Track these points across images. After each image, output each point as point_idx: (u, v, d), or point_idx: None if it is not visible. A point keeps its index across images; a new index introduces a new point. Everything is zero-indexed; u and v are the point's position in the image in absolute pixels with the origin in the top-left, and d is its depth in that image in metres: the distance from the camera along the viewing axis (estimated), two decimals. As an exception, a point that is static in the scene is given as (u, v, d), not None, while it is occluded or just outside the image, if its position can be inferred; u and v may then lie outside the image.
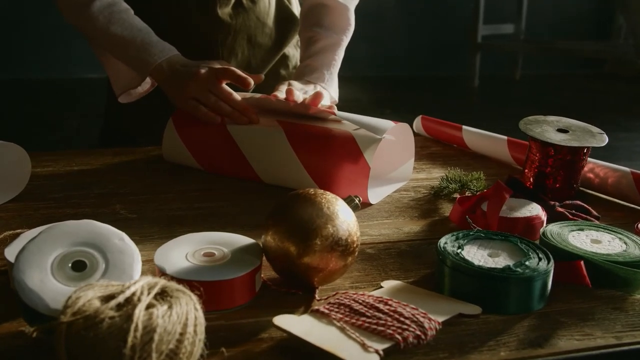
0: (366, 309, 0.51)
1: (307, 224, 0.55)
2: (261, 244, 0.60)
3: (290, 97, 0.90)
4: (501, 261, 0.58)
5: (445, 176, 0.89)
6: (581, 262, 0.60)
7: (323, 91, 1.04)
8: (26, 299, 0.49)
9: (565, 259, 0.62)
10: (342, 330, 0.49)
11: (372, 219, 0.78)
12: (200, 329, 0.45)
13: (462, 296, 0.57)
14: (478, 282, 0.56)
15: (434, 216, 0.80)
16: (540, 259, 0.58)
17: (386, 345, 0.47)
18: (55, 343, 0.43)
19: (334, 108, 0.91)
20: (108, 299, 0.44)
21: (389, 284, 0.59)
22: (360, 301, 0.53)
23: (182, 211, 0.80)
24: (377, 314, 0.50)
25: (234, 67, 0.96)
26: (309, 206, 0.56)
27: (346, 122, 0.87)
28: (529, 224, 0.72)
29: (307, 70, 1.06)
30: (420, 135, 1.18)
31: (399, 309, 0.51)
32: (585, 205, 0.78)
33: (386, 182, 0.91)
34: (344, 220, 0.57)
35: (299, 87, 1.00)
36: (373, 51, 5.29)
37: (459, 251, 0.59)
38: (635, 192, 0.83)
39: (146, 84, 1.08)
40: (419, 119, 1.19)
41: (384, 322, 0.49)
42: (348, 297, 0.54)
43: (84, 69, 4.73)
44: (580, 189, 0.88)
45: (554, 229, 0.67)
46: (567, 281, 0.61)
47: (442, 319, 0.52)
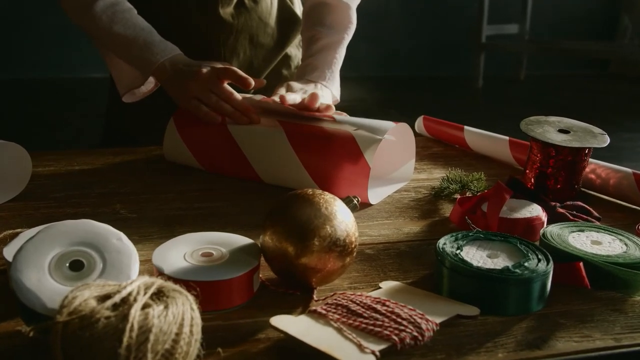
0: (363, 310, 0.51)
1: (305, 224, 0.55)
2: (259, 244, 0.60)
3: (283, 102, 0.90)
4: (500, 262, 0.58)
5: (446, 177, 0.89)
6: (580, 263, 0.60)
7: (324, 89, 1.03)
8: (23, 298, 0.49)
9: (565, 260, 0.61)
10: (339, 330, 0.49)
11: (372, 219, 0.78)
12: (197, 329, 0.45)
13: (461, 297, 0.56)
14: (477, 283, 0.56)
15: (434, 217, 0.80)
16: (539, 260, 0.58)
17: (383, 346, 0.47)
18: (51, 343, 0.43)
19: (332, 108, 0.91)
20: (104, 298, 0.44)
21: (387, 285, 0.59)
22: (358, 302, 0.52)
23: (182, 211, 0.80)
24: (374, 314, 0.50)
25: (235, 68, 0.96)
26: (307, 206, 0.56)
27: (348, 120, 0.87)
28: (529, 224, 0.71)
29: (308, 69, 1.06)
30: (422, 136, 1.18)
31: (397, 310, 0.51)
32: (586, 206, 0.78)
33: (387, 183, 0.91)
34: (342, 221, 0.56)
35: (299, 87, 1.00)
36: (377, 51, 5.29)
37: (457, 252, 0.59)
38: (637, 193, 0.83)
39: (150, 83, 1.08)
40: (420, 119, 1.18)
41: (381, 323, 0.49)
42: (346, 298, 0.53)
43: (84, 68, 4.75)
44: (581, 189, 0.87)
45: (554, 230, 0.67)
46: (567, 282, 0.60)
47: (440, 320, 0.52)
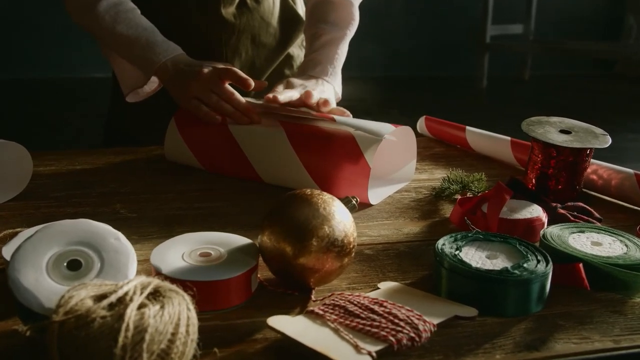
0: (361, 311, 0.51)
1: (303, 225, 0.55)
2: (257, 245, 0.59)
3: (276, 101, 0.91)
4: (499, 263, 0.58)
5: (447, 177, 0.88)
6: (580, 264, 0.59)
7: (326, 85, 1.03)
8: (21, 297, 0.49)
9: (565, 261, 0.61)
10: (335, 331, 0.49)
11: (372, 219, 0.78)
12: (193, 329, 0.45)
13: (460, 298, 0.56)
14: (475, 284, 0.56)
15: (434, 217, 0.79)
16: (538, 261, 0.58)
17: (379, 347, 0.47)
18: (47, 342, 0.43)
19: (330, 102, 0.91)
20: (100, 298, 0.44)
21: (385, 285, 0.59)
22: (355, 302, 0.52)
23: (182, 211, 0.80)
24: (371, 315, 0.50)
25: (236, 68, 0.96)
26: (305, 207, 0.56)
27: (348, 123, 0.87)
28: (530, 225, 0.71)
29: (310, 65, 1.06)
30: (424, 136, 1.18)
31: (394, 311, 0.50)
32: (587, 207, 0.78)
33: (387, 183, 0.91)
34: (341, 221, 0.56)
35: (299, 82, 1.00)
36: (380, 51, 5.29)
37: (456, 253, 0.59)
38: (639, 194, 0.82)
39: (153, 83, 1.08)
40: (422, 120, 1.18)
41: (378, 323, 0.49)
42: (343, 298, 0.53)
43: (85, 68, 4.76)
44: (583, 190, 0.87)
45: (554, 230, 0.67)
46: (566, 284, 0.60)
47: (438, 321, 0.52)
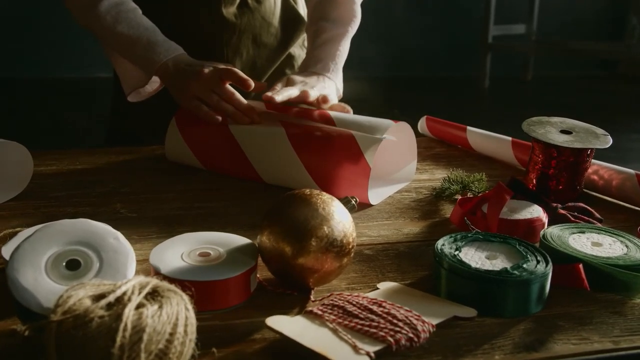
0: (359, 311, 0.51)
1: (302, 225, 0.55)
2: (257, 245, 0.59)
3: (272, 100, 0.91)
4: (499, 263, 0.58)
5: (448, 177, 0.88)
6: (580, 265, 0.59)
7: (327, 81, 1.03)
8: (19, 297, 0.49)
9: (565, 261, 0.61)
10: (334, 331, 0.49)
11: (372, 219, 0.78)
12: (191, 329, 0.45)
13: (459, 299, 0.56)
14: (475, 284, 0.56)
15: (434, 217, 0.79)
16: (538, 262, 0.58)
17: (378, 348, 0.47)
18: (45, 342, 0.43)
19: (329, 99, 0.91)
20: (99, 298, 0.44)
21: (385, 286, 0.59)
22: (354, 302, 0.52)
23: (183, 211, 0.80)
24: (370, 315, 0.50)
25: (236, 69, 0.96)
26: (304, 207, 0.56)
27: (347, 123, 0.87)
28: (530, 226, 0.71)
29: (312, 62, 1.06)
30: (425, 136, 1.18)
31: (393, 311, 0.50)
32: (588, 207, 0.78)
33: (388, 183, 0.91)
34: (340, 221, 0.56)
35: (300, 79, 1.00)
36: (382, 51, 5.28)
37: (456, 253, 0.59)
38: (640, 195, 0.82)
39: (155, 83, 1.08)
40: (423, 120, 1.18)
41: (376, 324, 0.49)
42: (342, 299, 0.53)
43: (88, 68, 4.76)
44: (584, 191, 0.87)
45: (554, 231, 0.67)
46: (566, 284, 0.60)
47: (437, 321, 0.51)
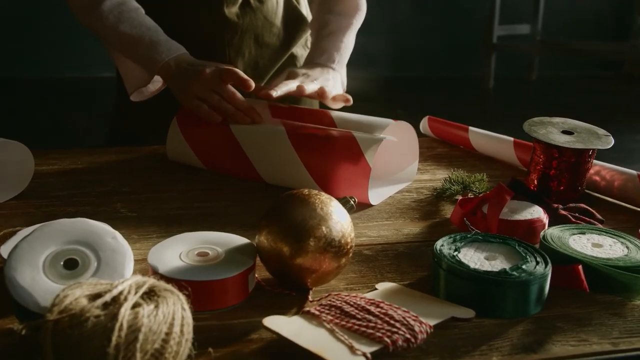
0: (357, 311, 0.51)
1: (300, 225, 0.55)
2: (255, 244, 0.59)
3: (269, 97, 0.91)
4: (498, 264, 0.58)
5: (449, 177, 0.88)
6: (579, 266, 0.59)
7: (332, 73, 1.03)
8: (17, 296, 0.49)
9: (565, 262, 0.60)
10: (331, 332, 0.49)
11: (372, 220, 0.78)
12: (188, 329, 0.45)
13: (458, 299, 0.56)
14: (473, 285, 0.55)
15: (434, 218, 0.79)
16: (537, 263, 0.58)
17: (374, 348, 0.47)
18: (42, 341, 0.43)
19: (326, 94, 0.91)
20: (95, 297, 0.44)
21: (383, 286, 0.58)
22: (352, 303, 0.52)
23: (183, 210, 0.80)
24: (367, 316, 0.50)
25: (237, 69, 0.96)
26: (302, 207, 0.56)
27: (346, 121, 0.87)
28: (531, 226, 0.71)
29: (317, 53, 1.06)
30: (427, 136, 1.17)
31: (390, 312, 0.50)
32: (589, 208, 0.77)
33: (389, 183, 0.90)
34: (338, 221, 0.56)
35: (302, 72, 1.00)
36: (386, 51, 5.27)
37: (455, 254, 0.59)
38: (642, 196, 0.82)
39: (157, 82, 1.08)
40: (425, 120, 1.18)
41: (373, 324, 0.49)
42: (340, 299, 0.53)
43: (90, 68, 4.77)
44: (586, 191, 0.86)
45: (554, 232, 0.66)
46: (565, 286, 0.60)
47: (434, 322, 0.51)
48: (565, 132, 0.83)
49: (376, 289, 0.58)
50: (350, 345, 0.47)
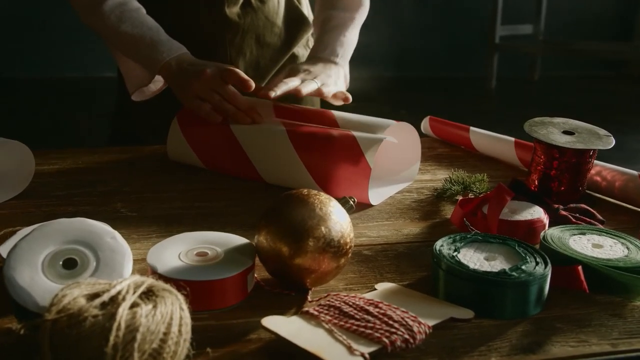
0: (356, 312, 0.51)
1: (299, 225, 0.55)
2: (254, 245, 0.59)
3: (268, 97, 0.91)
4: (497, 265, 0.57)
5: (449, 178, 0.88)
6: (579, 267, 0.59)
7: (334, 68, 1.03)
8: (16, 296, 0.49)
9: (565, 263, 0.60)
10: (329, 332, 0.49)
11: (372, 220, 0.78)
12: (186, 329, 0.45)
13: (457, 300, 0.56)
14: (473, 286, 0.55)
15: (435, 218, 0.79)
16: (537, 263, 0.57)
17: (373, 349, 0.47)
18: (40, 340, 0.43)
19: (324, 96, 0.91)
20: (93, 297, 0.44)
21: (382, 287, 0.58)
22: (351, 303, 0.52)
23: (183, 210, 0.80)
24: (366, 316, 0.50)
25: (238, 70, 0.96)
26: (301, 207, 0.56)
27: (347, 121, 0.87)
28: (531, 227, 0.71)
29: (320, 48, 1.06)
30: (428, 136, 1.17)
31: (389, 312, 0.50)
32: (589, 208, 0.77)
33: (389, 183, 0.90)
34: (337, 222, 0.56)
35: (303, 68, 1.00)
36: (388, 51, 5.27)
37: (454, 254, 0.59)
38: (643, 196, 0.82)
39: (158, 82, 1.08)
40: (426, 120, 1.18)
41: (372, 325, 0.49)
42: (339, 299, 0.53)
43: (92, 68, 4.77)
44: (587, 192, 0.86)
45: (554, 232, 0.66)
46: (565, 286, 0.59)
47: (433, 322, 0.51)
48: (566, 132, 0.83)
49: (375, 289, 0.58)
50: (348, 346, 0.47)
